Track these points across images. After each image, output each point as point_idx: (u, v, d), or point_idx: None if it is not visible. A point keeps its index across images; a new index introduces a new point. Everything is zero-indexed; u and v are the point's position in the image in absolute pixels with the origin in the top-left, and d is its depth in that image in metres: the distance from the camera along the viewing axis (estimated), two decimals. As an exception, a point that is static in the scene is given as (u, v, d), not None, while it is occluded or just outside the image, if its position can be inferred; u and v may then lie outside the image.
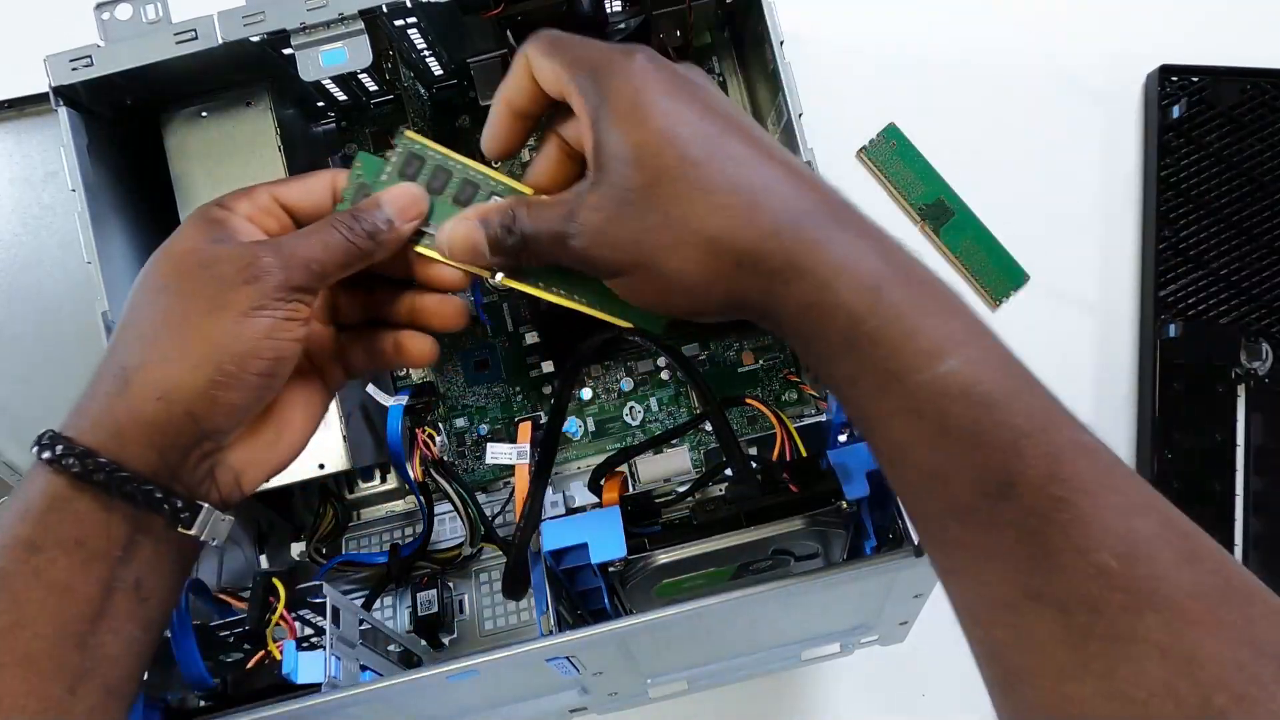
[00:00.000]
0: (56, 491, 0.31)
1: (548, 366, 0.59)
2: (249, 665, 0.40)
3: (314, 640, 0.45)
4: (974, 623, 0.30)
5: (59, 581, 0.31)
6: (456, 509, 0.53)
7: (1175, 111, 0.65)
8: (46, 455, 0.31)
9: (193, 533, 0.33)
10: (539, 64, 0.34)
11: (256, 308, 0.33)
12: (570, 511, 0.56)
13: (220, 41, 0.44)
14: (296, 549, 0.57)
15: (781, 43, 0.48)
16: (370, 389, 0.51)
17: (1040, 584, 0.27)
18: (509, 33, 0.52)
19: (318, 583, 0.41)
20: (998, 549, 0.28)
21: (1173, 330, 0.63)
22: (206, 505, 0.33)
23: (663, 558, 0.39)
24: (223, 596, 0.43)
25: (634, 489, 0.42)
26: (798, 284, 0.30)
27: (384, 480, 0.59)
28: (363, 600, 0.56)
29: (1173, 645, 0.25)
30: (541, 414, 0.59)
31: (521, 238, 0.34)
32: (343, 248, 0.34)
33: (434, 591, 0.55)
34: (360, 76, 0.50)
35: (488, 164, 0.37)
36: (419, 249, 0.37)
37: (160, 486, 0.32)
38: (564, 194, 0.34)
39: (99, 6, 0.44)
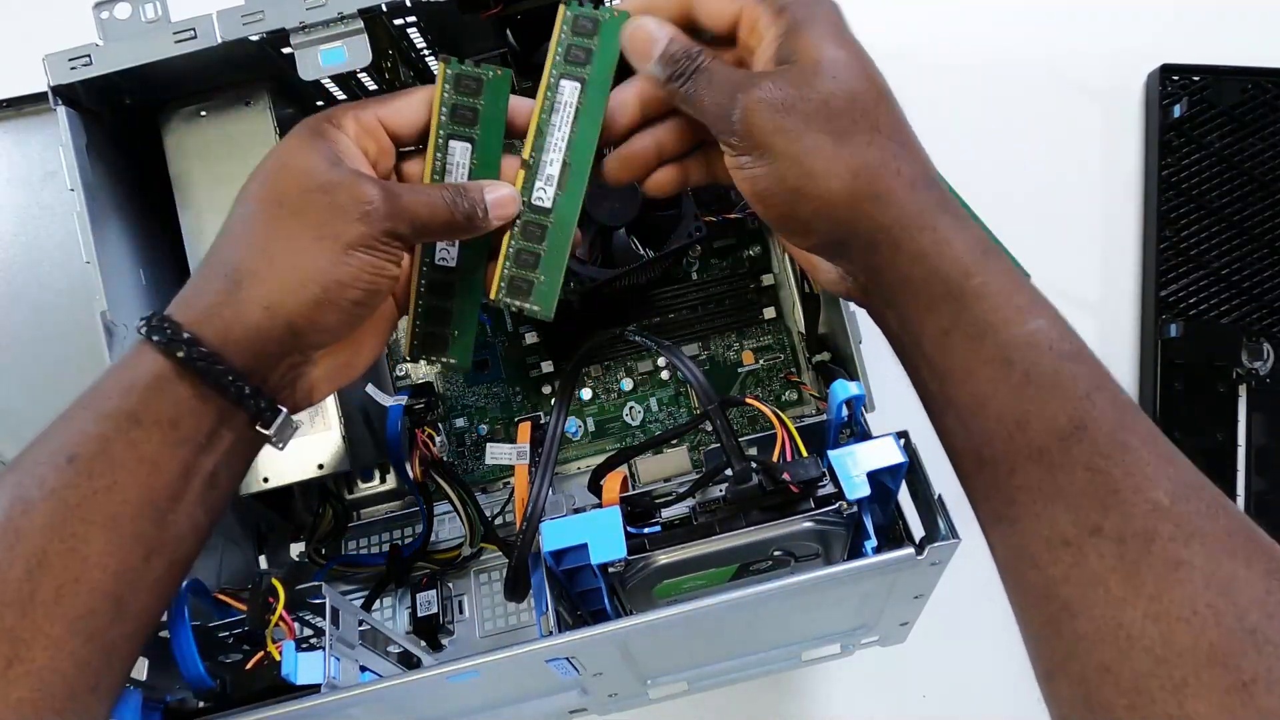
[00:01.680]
0: (161, 372, 0.33)
1: (547, 366, 0.59)
2: (248, 666, 0.40)
3: (313, 641, 0.45)
4: (1030, 564, 0.32)
5: (150, 457, 0.33)
6: (456, 509, 0.53)
7: (1176, 111, 0.65)
8: (157, 338, 0.33)
9: (269, 432, 0.36)
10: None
11: (364, 245, 0.35)
12: (570, 512, 0.56)
13: (219, 40, 0.44)
14: (296, 549, 0.57)
15: (782, 42, 0.47)
16: (370, 389, 0.51)
17: (1101, 519, 0.30)
18: (508, 31, 0.52)
19: (317, 583, 0.41)
20: (1066, 487, 0.31)
21: (1174, 330, 0.63)
22: (285, 410, 0.36)
23: (663, 558, 0.38)
24: (222, 597, 0.43)
25: (634, 489, 0.42)
26: (920, 234, 0.34)
27: (384, 480, 0.59)
28: (362, 601, 0.55)
29: (1214, 571, 0.28)
30: (542, 414, 0.59)
31: (695, 69, 0.36)
32: (443, 217, 0.37)
33: (433, 592, 0.55)
34: (359, 76, 0.50)
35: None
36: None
37: (251, 385, 0.34)
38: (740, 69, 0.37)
39: (98, 5, 0.44)
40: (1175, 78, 0.65)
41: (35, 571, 0.30)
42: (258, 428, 0.35)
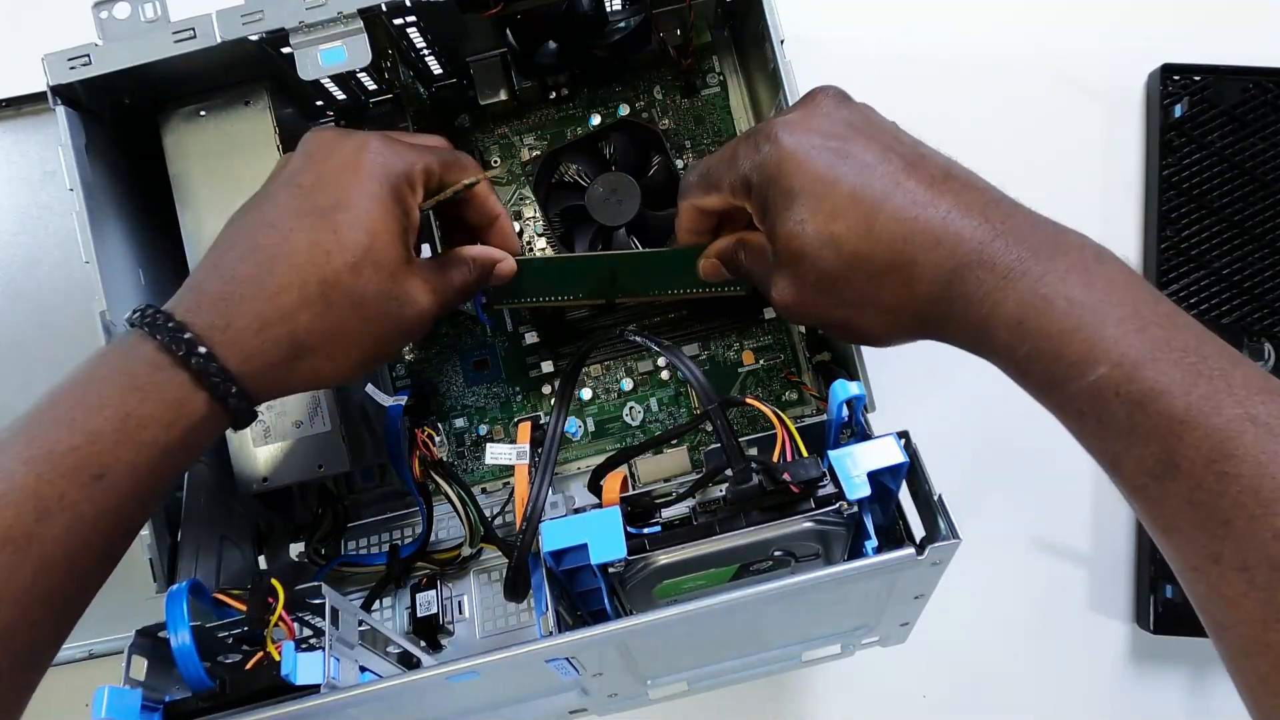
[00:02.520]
0: (208, 414, 0.36)
1: (548, 366, 0.59)
2: (248, 666, 0.40)
3: (313, 641, 0.44)
4: (1181, 579, 0.33)
5: (164, 476, 0.36)
6: (456, 509, 0.53)
7: (1177, 110, 0.65)
8: (221, 391, 0.36)
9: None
10: (703, 204, 0.43)
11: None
12: (570, 512, 0.56)
13: (219, 40, 0.44)
14: (296, 549, 0.57)
15: (782, 41, 0.47)
16: (370, 389, 0.51)
17: (1218, 548, 0.30)
18: (508, 31, 0.52)
19: (317, 583, 0.41)
20: (1174, 520, 0.31)
21: (1174, 330, 0.63)
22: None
23: (663, 559, 0.38)
24: (222, 597, 0.42)
25: (634, 489, 0.42)
26: (956, 331, 0.36)
27: (384, 480, 0.59)
28: (362, 601, 0.55)
29: None
30: (542, 414, 0.59)
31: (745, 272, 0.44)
32: (469, 294, 0.45)
33: (433, 592, 0.55)
34: (359, 76, 0.50)
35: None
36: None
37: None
38: (765, 260, 0.41)
39: (97, 5, 0.44)
40: (1176, 78, 0.65)
41: (40, 574, 0.33)
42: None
